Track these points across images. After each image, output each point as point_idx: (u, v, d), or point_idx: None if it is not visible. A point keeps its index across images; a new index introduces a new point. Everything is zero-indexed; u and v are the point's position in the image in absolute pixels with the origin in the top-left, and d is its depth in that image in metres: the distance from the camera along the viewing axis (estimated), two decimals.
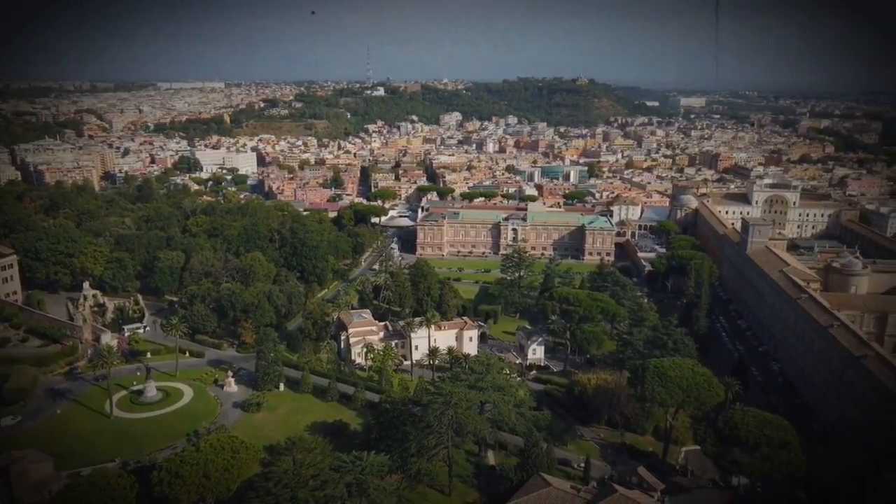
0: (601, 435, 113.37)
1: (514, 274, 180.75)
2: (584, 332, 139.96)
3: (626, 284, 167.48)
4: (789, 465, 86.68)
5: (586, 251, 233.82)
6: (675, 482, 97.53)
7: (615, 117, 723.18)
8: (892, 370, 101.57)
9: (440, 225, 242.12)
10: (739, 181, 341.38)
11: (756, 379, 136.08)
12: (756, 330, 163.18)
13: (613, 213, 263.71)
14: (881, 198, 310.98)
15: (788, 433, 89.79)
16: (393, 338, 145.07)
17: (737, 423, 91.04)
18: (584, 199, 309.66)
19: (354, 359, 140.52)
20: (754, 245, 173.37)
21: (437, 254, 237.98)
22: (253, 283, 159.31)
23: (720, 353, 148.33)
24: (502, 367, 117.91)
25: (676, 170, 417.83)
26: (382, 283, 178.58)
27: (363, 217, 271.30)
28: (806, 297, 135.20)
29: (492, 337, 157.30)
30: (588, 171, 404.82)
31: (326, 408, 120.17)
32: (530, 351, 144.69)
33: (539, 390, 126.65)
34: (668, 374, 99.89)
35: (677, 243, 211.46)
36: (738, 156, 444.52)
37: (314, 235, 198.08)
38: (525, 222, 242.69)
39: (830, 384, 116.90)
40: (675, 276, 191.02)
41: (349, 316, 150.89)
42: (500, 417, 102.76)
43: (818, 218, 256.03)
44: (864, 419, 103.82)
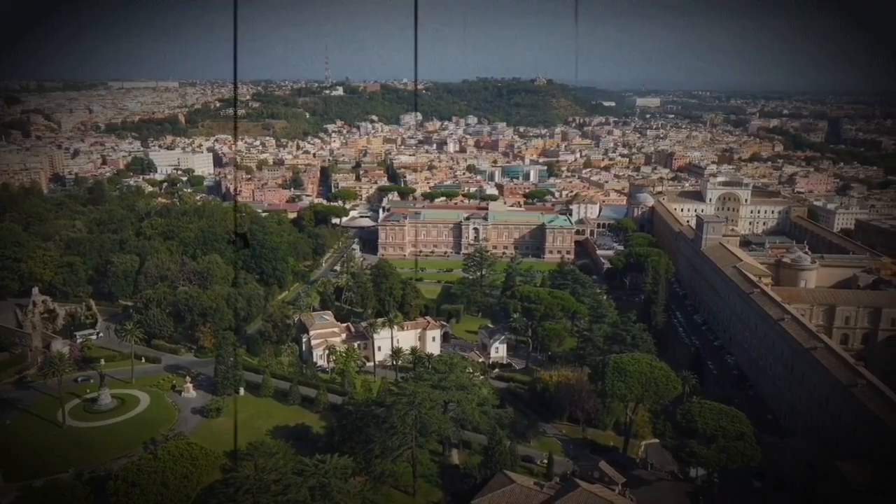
0: (563, 431, 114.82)
1: (476, 273, 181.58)
2: (545, 330, 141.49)
3: (586, 282, 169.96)
4: (744, 455, 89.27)
5: (547, 249, 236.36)
6: (635, 475, 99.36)
7: (573, 117, 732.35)
8: (841, 361, 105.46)
9: (402, 225, 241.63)
10: (694, 179, 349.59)
11: (712, 372, 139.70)
12: (711, 324, 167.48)
13: (573, 211, 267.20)
14: (828, 194, 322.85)
15: (743, 424, 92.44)
16: (355, 339, 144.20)
17: (694, 416, 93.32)
18: (545, 198, 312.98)
19: (316, 361, 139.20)
20: (708, 241, 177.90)
21: (399, 254, 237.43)
22: (211, 287, 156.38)
23: (677, 347, 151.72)
24: (465, 366, 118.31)
25: (633, 169, 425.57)
26: (344, 284, 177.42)
27: (324, 218, 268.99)
28: (758, 291, 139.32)
29: (455, 336, 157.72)
30: (548, 171, 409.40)
31: (288, 411, 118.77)
32: (493, 349, 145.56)
33: (502, 388, 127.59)
34: (628, 370, 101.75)
35: (635, 241, 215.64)
36: (692, 155, 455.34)
37: (273, 237, 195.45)
38: (486, 222, 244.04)
39: (782, 376, 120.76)
40: (633, 273, 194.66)
41: (310, 318, 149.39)
42: (464, 416, 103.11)
43: (769, 214, 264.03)
44: (814, 409, 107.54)
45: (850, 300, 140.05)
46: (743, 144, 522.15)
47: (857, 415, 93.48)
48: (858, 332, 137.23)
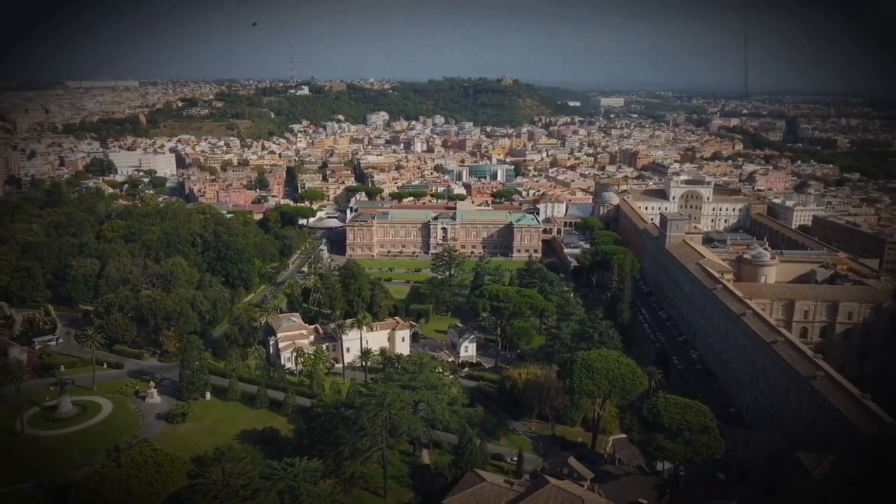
0: (533, 428, 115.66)
1: (445, 273, 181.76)
2: (514, 328, 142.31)
3: (554, 280, 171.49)
4: (709, 447, 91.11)
5: (515, 248, 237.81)
6: (604, 470, 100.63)
7: (539, 117, 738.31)
8: (800, 354, 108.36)
9: (370, 225, 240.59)
10: (657, 178, 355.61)
11: (677, 367, 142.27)
12: (676, 320, 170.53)
13: (540, 210, 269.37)
14: (786, 192, 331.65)
15: (707, 418, 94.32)
16: (324, 341, 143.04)
17: (660, 411, 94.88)
18: (512, 197, 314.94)
19: (284, 364, 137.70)
20: (672, 239, 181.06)
21: (367, 254, 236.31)
22: (175, 290, 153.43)
23: (643, 343, 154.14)
24: (435, 365, 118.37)
25: (598, 168, 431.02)
26: (312, 286, 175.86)
27: (290, 219, 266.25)
28: (720, 287, 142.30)
29: (424, 336, 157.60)
30: (515, 170, 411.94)
31: (256, 415, 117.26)
32: (462, 348, 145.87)
33: (472, 387, 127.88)
34: (595, 366, 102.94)
35: (601, 239, 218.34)
36: (655, 153, 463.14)
37: (239, 239, 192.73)
38: (455, 221, 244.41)
39: (745, 369, 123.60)
40: (599, 271, 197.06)
41: (278, 320, 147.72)
42: (434, 416, 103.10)
43: (730, 212, 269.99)
44: (775, 401, 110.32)
45: (808, 295, 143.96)
46: (704, 143, 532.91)
47: (816, 406, 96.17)
48: (817, 326, 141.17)
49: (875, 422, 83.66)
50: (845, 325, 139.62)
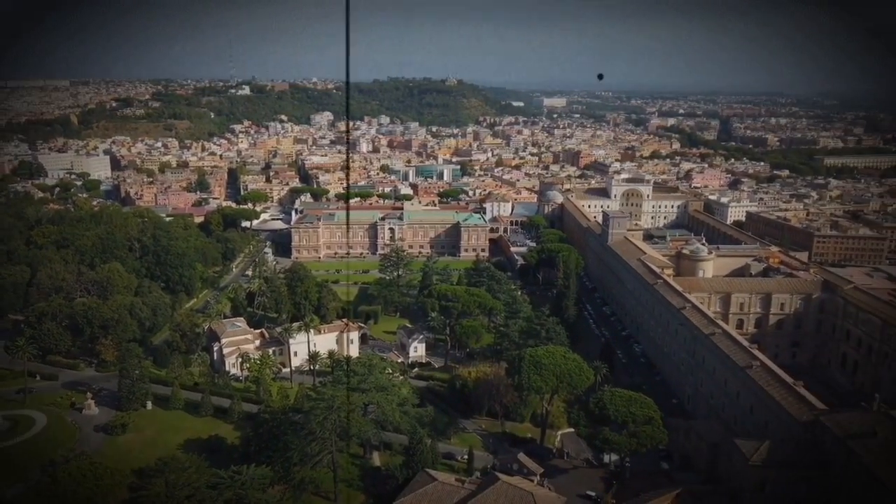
0: (483, 426, 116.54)
1: (393, 273, 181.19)
2: (463, 327, 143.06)
3: (501, 278, 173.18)
4: (653, 438, 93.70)
5: (462, 248, 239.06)
6: (553, 465, 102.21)
7: (484, 117, 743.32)
8: (737, 345, 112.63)
9: (316, 227, 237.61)
10: (599, 177, 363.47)
11: (621, 361, 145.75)
12: (619, 315, 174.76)
13: (486, 209, 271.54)
14: (721, 189, 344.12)
15: (651, 409, 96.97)
16: (270, 345, 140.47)
17: (606, 404, 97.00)
18: (459, 196, 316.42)
19: (229, 370, 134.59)
20: (614, 236, 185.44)
21: (313, 256, 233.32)
22: (112, 297, 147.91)
23: (588, 338, 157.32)
24: (385, 366, 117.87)
25: (542, 167, 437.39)
26: (257, 290, 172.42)
27: (233, 221, 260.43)
28: (661, 282, 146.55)
29: (373, 337, 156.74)
30: (461, 170, 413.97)
31: (201, 423, 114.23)
32: (412, 349, 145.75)
33: (422, 387, 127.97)
34: (543, 362, 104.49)
35: (546, 237, 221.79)
36: (597, 153, 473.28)
37: (179, 242, 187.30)
38: (402, 221, 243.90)
39: (685, 361, 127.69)
40: (545, 268, 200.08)
41: (222, 325, 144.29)
42: (385, 417, 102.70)
43: (669, 209, 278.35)
44: (714, 391, 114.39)
45: (743, 287, 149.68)
46: (643, 143, 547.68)
47: (752, 394, 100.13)
48: (752, 317, 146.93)
49: (807, 407, 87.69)
50: (778, 316, 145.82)
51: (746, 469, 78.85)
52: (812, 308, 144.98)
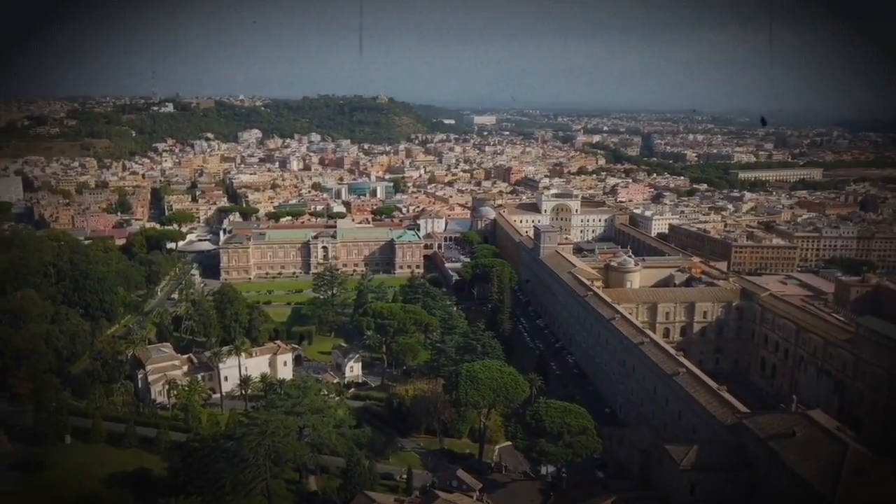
0: (421, 443, 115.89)
1: (327, 292, 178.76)
2: (399, 345, 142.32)
3: (437, 294, 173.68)
4: (588, 448, 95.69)
5: (397, 265, 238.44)
6: (491, 479, 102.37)
7: (416, 134, 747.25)
8: (664, 353, 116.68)
9: (245, 247, 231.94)
10: (530, 192, 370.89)
11: (555, 372, 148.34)
12: (553, 327, 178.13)
13: (420, 226, 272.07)
14: (645, 203, 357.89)
15: (585, 419, 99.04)
16: (199, 370, 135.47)
17: (541, 416, 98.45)
18: (392, 213, 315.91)
19: (155, 398, 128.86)
20: (546, 250, 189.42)
21: (243, 277, 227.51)
22: (25, 325, 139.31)
23: (523, 351, 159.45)
24: (320, 388, 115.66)
25: (475, 183, 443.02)
26: (184, 313, 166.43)
27: (157, 243, 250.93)
28: (591, 294, 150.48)
29: (307, 359, 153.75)
30: (394, 187, 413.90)
31: (125, 456, 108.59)
32: (347, 368, 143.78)
33: (359, 407, 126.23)
34: (480, 377, 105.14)
35: (480, 252, 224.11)
36: (527, 169, 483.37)
37: (99, 266, 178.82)
38: (335, 239, 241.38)
39: (616, 370, 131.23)
40: (480, 283, 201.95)
41: (146, 352, 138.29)
42: (321, 440, 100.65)
43: (597, 222, 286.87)
44: (645, 398, 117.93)
45: (668, 297, 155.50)
46: (571, 159, 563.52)
47: (680, 400, 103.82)
48: (677, 326, 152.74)
49: (731, 411, 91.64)
50: (701, 324, 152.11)
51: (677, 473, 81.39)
52: (732, 315, 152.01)
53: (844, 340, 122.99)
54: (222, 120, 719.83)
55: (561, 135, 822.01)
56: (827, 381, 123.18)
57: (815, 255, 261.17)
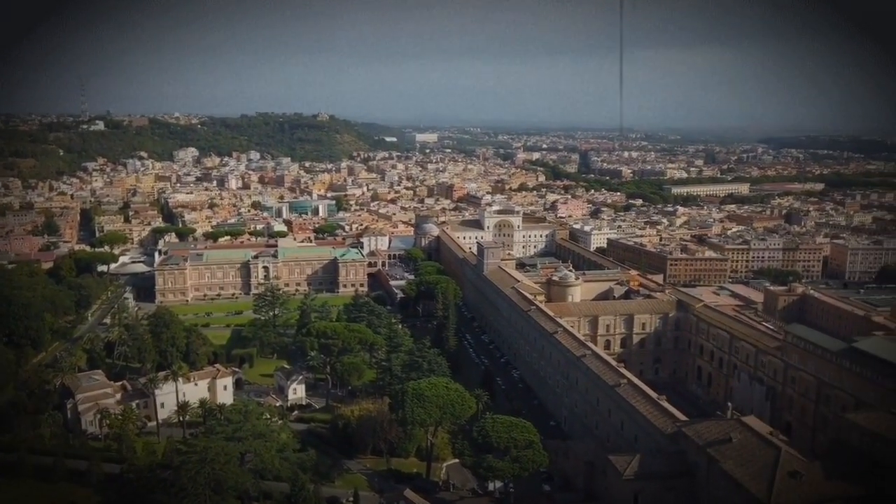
0: (367, 465, 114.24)
1: (269, 313, 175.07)
2: (344, 365, 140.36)
3: (381, 313, 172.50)
4: (534, 462, 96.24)
5: (341, 283, 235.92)
6: (439, 498, 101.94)
7: (358, 152, 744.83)
8: (606, 365, 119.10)
9: (182, 268, 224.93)
10: (472, 209, 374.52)
11: (501, 387, 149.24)
12: (498, 342, 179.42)
13: (364, 244, 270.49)
14: (583, 218, 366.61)
15: (531, 433, 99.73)
16: (133, 398, 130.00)
17: (488, 431, 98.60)
18: (335, 232, 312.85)
19: (86, 428, 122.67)
20: (489, 266, 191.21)
21: (180, 300, 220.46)
22: None
23: (469, 367, 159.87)
24: (262, 412, 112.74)
25: (418, 200, 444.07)
26: (117, 339, 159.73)
27: (88, 266, 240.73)
28: (534, 308, 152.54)
29: (248, 382, 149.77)
30: (336, 205, 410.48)
31: (54, 491, 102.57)
32: (290, 391, 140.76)
33: (302, 430, 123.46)
34: (426, 395, 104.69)
35: (424, 269, 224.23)
36: (469, 186, 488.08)
37: (24, 292, 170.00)
38: (276, 259, 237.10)
39: (560, 383, 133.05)
40: (425, 300, 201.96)
41: (76, 380, 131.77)
42: (263, 466, 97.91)
43: (538, 238, 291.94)
44: (588, 410, 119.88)
45: (608, 310, 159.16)
46: (512, 175, 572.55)
47: (622, 411, 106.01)
48: (617, 337, 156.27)
49: (671, 420, 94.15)
50: (640, 335, 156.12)
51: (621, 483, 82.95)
52: (669, 326, 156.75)
53: (774, 348, 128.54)
54: (156, 138, 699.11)
55: (502, 152, 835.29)
56: (759, 387, 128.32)
57: (745, 267, 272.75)
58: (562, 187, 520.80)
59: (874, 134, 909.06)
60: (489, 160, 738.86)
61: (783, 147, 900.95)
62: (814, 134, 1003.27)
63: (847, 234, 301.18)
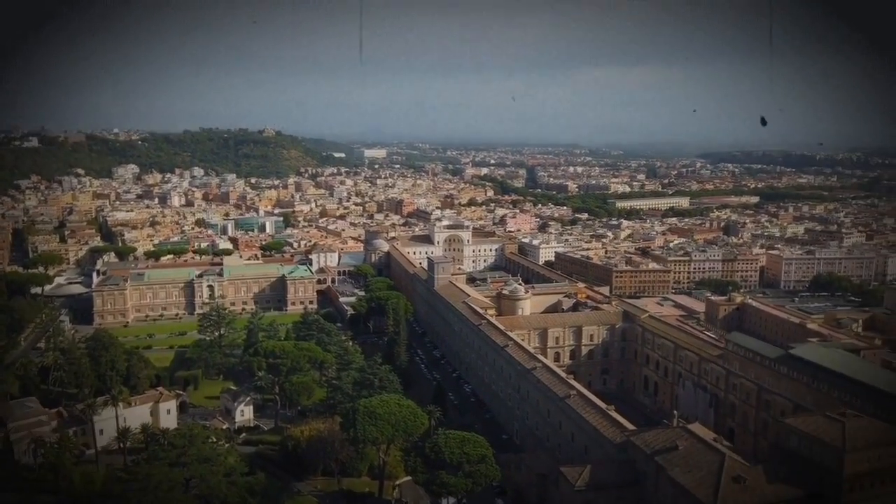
0: (318, 486, 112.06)
1: (214, 333, 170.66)
2: (293, 384, 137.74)
3: (331, 330, 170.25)
4: (487, 476, 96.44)
5: (289, 301, 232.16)
6: None
7: (305, 168, 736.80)
8: (556, 376, 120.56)
9: (122, 288, 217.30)
10: (422, 224, 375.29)
11: (453, 402, 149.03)
12: (449, 357, 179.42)
13: (313, 261, 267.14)
14: (532, 232, 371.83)
15: (484, 447, 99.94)
16: (70, 425, 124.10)
17: (441, 447, 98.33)
18: (283, 249, 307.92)
19: (19, 458, 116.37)
20: (440, 281, 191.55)
21: (120, 321, 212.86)
22: None
23: (421, 383, 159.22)
24: (208, 435, 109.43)
25: (367, 216, 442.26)
26: (52, 363, 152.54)
27: (20, 288, 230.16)
28: (485, 322, 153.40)
29: (193, 405, 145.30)
30: (284, 221, 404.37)
31: None
32: (238, 413, 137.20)
33: (251, 453, 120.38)
34: (378, 412, 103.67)
35: (375, 285, 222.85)
36: (418, 201, 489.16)
37: None
38: (222, 277, 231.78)
39: (511, 396, 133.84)
40: (375, 317, 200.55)
41: (8, 408, 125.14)
42: (210, 491, 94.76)
43: (487, 252, 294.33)
44: (539, 422, 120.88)
45: (557, 322, 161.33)
46: (461, 191, 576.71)
47: (572, 422, 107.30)
48: (567, 349, 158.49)
49: (619, 429, 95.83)
50: (589, 347, 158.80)
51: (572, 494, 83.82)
52: (616, 337, 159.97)
53: (716, 356, 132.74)
54: (94, 155, 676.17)
55: (451, 167, 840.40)
56: (703, 395, 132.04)
57: (687, 278, 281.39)
58: (510, 202, 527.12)
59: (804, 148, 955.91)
60: (438, 175, 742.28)
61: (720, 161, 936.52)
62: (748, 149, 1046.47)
63: (781, 245, 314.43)
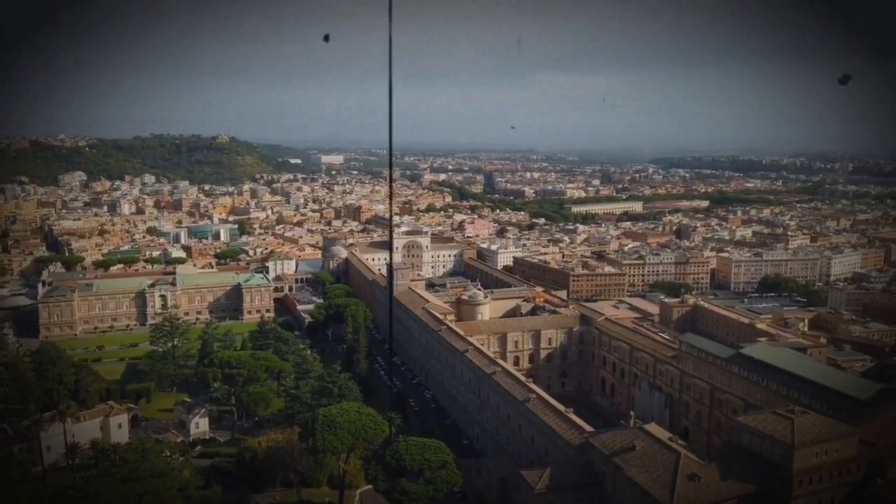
0: (277, 497, 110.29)
1: (167, 344, 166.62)
2: (250, 395, 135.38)
3: (289, 338, 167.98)
4: (448, 482, 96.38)
5: (245, 310, 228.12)
6: None
7: (261, 174, 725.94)
8: (515, 381, 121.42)
9: (69, 300, 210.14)
10: (381, 230, 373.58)
11: (414, 409, 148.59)
12: (409, 364, 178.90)
13: (269, 268, 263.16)
14: (490, 237, 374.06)
15: (444, 453, 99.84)
16: (15, 442, 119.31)
17: (401, 454, 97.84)
18: (238, 257, 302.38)
19: None
20: (399, 287, 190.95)
21: (68, 334, 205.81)
22: None
23: (381, 390, 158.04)
24: (161, 449, 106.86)
25: (325, 223, 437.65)
26: None
27: None
28: (445, 328, 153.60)
29: (146, 418, 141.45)
30: (239, 229, 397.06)
31: None
32: (192, 425, 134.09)
33: (207, 466, 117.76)
34: (337, 421, 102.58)
35: (333, 292, 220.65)
36: (376, 207, 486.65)
37: None
38: (175, 287, 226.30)
39: (472, 401, 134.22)
40: (334, 324, 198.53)
41: None
42: None
43: (446, 258, 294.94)
44: (500, 427, 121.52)
45: (516, 327, 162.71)
46: (419, 197, 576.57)
47: (532, 425, 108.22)
48: (526, 353, 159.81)
49: (578, 431, 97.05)
50: (547, 350, 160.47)
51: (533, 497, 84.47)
52: (573, 340, 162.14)
53: (670, 357, 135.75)
54: (39, 162, 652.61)
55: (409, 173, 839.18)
56: (659, 395, 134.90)
57: (641, 281, 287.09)
58: (468, 207, 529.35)
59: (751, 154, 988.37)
60: (396, 181, 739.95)
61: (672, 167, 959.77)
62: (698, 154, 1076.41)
63: (731, 248, 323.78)
